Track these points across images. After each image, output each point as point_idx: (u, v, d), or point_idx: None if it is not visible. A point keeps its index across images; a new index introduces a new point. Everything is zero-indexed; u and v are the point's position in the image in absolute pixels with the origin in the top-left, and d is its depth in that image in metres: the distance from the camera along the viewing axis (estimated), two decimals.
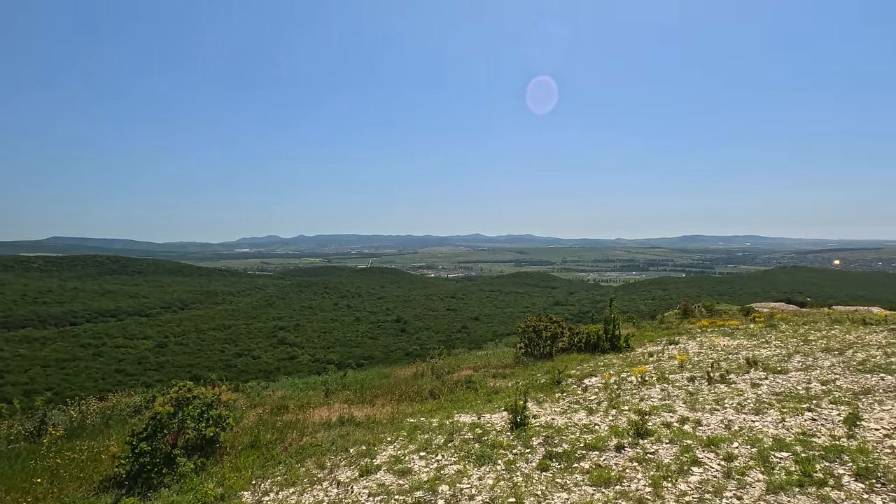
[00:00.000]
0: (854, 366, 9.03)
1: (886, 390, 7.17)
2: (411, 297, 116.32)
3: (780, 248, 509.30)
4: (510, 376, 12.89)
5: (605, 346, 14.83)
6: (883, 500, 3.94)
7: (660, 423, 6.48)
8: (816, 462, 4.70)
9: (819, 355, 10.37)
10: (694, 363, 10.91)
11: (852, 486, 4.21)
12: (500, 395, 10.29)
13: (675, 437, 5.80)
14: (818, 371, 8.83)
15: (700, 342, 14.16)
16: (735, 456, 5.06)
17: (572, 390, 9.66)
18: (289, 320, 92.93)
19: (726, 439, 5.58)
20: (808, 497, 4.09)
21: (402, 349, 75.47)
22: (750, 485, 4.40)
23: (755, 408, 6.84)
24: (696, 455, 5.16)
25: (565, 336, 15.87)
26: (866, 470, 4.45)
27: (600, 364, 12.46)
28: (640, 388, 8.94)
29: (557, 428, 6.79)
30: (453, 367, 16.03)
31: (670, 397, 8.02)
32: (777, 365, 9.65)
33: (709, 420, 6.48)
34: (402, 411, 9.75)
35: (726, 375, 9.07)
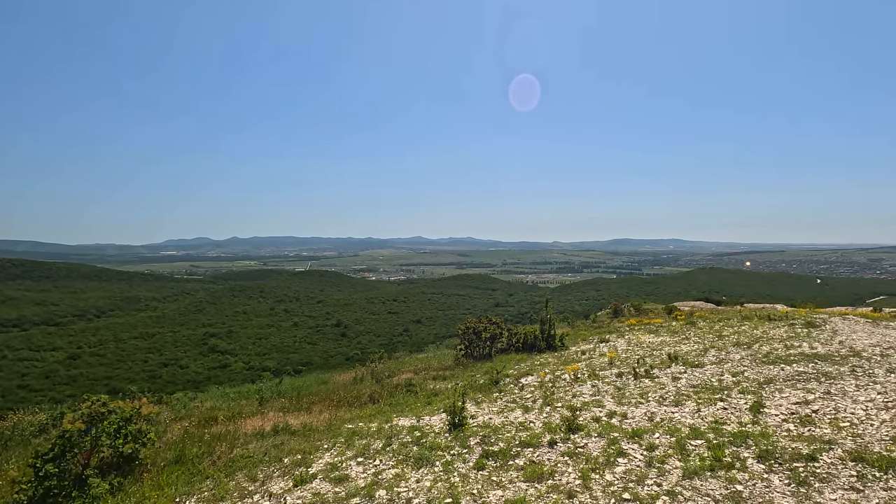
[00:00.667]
0: (760, 358, 9.93)
1: (786, 379, 7.94)
2: (352, 301, 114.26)
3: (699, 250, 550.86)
4: (450, 378, 13.00)
5: (542, 346, 15.33)
6: (779, 478, 4.36)
7: (590, 418, 6.79)
8: (726, 447, 5.13)
9: (731, 349, 11.30)
10: (622, 360, 11.53)
11: (755, 468, 4.63)
12: (439, 396, 10.35)
13: (604, 431, 6.11)
14: (730, 364, 9.63)
15: (628, 340, 14.98)
16: (656, 446, 5.41)
17: (509, 390, 9.91)
18: (220, 326, 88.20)
19: (649, 430, 5.95)
20: (718, 479, 4.45)
21: (342, 354, 73.89)
22: (669, 472, 4.72)
23: (675, 400, 7.35)
24: (621, 447, 5.46)
25: (504, 337, 16.24)
26: (767, 452, 4.90)
27: (536, 363, 12.86)
28: (572, 386, 9.32)
29: (494, 427, 6.93)
30: (394, 370, 15.93)
31: (600, 393, 8.43)
32: (695, 359, 10.41)
33: (634, 413, 6.89)
34: (340, 417, 9.56)
35: (650, 370, 9.67)
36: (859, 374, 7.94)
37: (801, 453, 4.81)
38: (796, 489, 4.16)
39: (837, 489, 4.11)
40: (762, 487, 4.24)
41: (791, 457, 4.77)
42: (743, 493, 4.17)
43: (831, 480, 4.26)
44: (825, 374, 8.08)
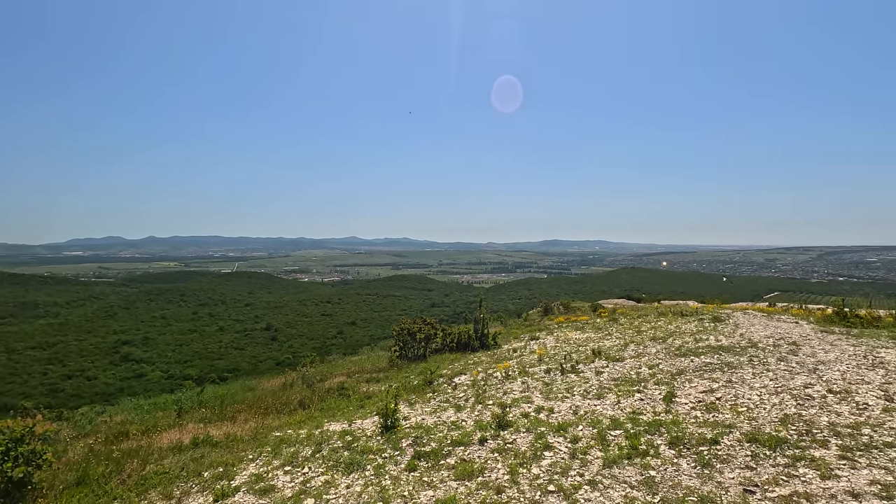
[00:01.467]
0: (673, 351, 10.71)
1: (695, 370, 8.63)
2: (283, 303, 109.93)
3: (622, 251, 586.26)
4: (384, 380, 12.88)
5: (475, 345, 15.59)
6: (687, 462, 4.73)
7: (519, 414, 7.00)
8: (642, 436, 5.48)
9: (648, 344, 12.10)
10: (551, 356, 11.99)
11: (667, 453, 4.98)
12: (372, 399, 10.22)
13: (532, 426, 6.32)
14: (647, 357, 10.30)
15: (557, 337, 15.60)
16: (580, 438, 5.67)
17: (443, 389, 9.98)
18: (135, 333, 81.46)
19: (574, 423, 6.23)
20: (634, 466, 4.74)
21: (272, 359, 70.84)
22: (590, 462, 4.96)
23: (598, 393, 7.75)
24: (548, 441, 5.67)
25: (438, 337, 16.34)
26: (677, 438, 5.30)
27: (470, 362, 13.05)
28: (504, 383, 9.56)
29: (427, 427, 6.95)
30: (326, 374, 15.53)
31: (529, 389, 8.71)
32: (616, 354, 11.04)
33: (560, 407, 7.18)
34: (267, 425, 9.15)
35: (576, 366, 10.13)
36: (755, 363, 8.80)
37: (706, 438, 5.24)
38: (701, 471, 4.53)
39: (735, 468, 4.52)
40: (672, 471, 4.57)
41: (697, 441, 5.18)
42: (656, 477, 4.47)
43: (730, 461, 4.68)
44: (728, 364, 8.87)
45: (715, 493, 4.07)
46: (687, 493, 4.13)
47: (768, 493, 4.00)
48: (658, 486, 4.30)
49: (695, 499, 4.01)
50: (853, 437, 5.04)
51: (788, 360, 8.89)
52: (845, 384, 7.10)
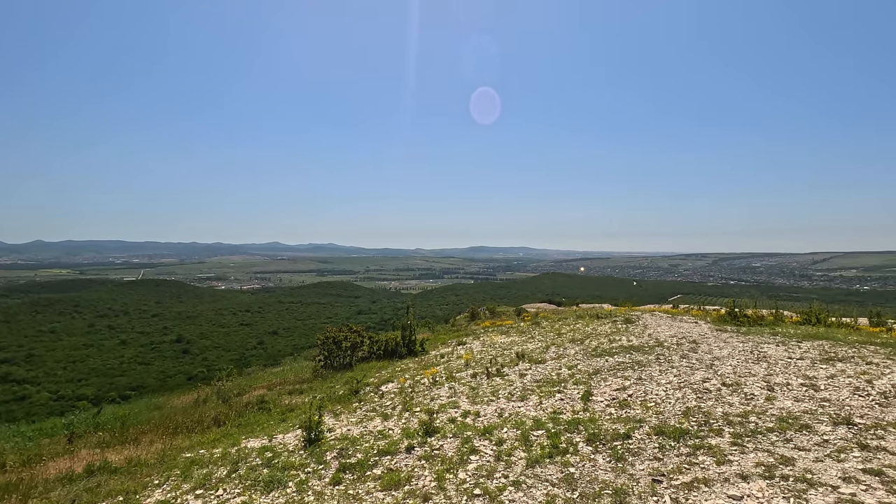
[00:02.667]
0: (590, 352, 11.33)
1: (609, 370, 9.18)
2: (196, 313, 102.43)
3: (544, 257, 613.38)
4: (308, 391, 12.40)
5: (403, 352, 15.49)
6: (603, 457, 5.01)
7: (446, 420, 7.04)
8: (562, 435, 5.72)
9: (568, 345, 12.71)
10: (477, 360, 12.21)
11: (584, 450, 5.24)
12: (295, 412, 9.80)
13: (459, 431, 6.37)
14: (566, 359, 10.81)
15: (483, 341, 15.92)
16: (505, 440, 5.81)
17: (370, 398, 9.80)
18: (17, 350, 71.84)
19: (498, 426, 6.38)
20: (555, 465, 4.94)
21: (183, 373, 65.60)
22: (514, 463, 5.10)
23: (521, 395, 7.99)
24: (474, 444, 5.75)
25: (365, 345, 16.05)
26: (594, 435, 5.59)
27: (397, 369, 12.94)
28: (431, 389, 9.57)
29: (353, 438, 6.78)
30: (244, 387, 14.66)
31: (456, 394, 8.80)
32: (539, 356, 11.48)
33: (486, 411, 7.32)
34: (176, 446, 8.45)
35: (501, 369, 10.39)
36: (662, 361, 9.54)
37: (620, 433, 5.58)
38: (615, 464, 4.81)
39: (644, 460, 4.85)
40: (590, 467, 4.81)
41: (612, 437, 5.50)
42: (575, 474, 4.69)
43: (640, 453, 5.02)
44: (638, 362, 9.54)
45: (627, 485, 4.34)
46: (603, 486, 4.36)
47: (673, 482, 4.33)
48: (577, 482, 4.51)
49: (609, 492, 4.25)
50: (742, 425, 5.61)
51: (689, 357, 9.73)
52: (736, 377, 7.89)
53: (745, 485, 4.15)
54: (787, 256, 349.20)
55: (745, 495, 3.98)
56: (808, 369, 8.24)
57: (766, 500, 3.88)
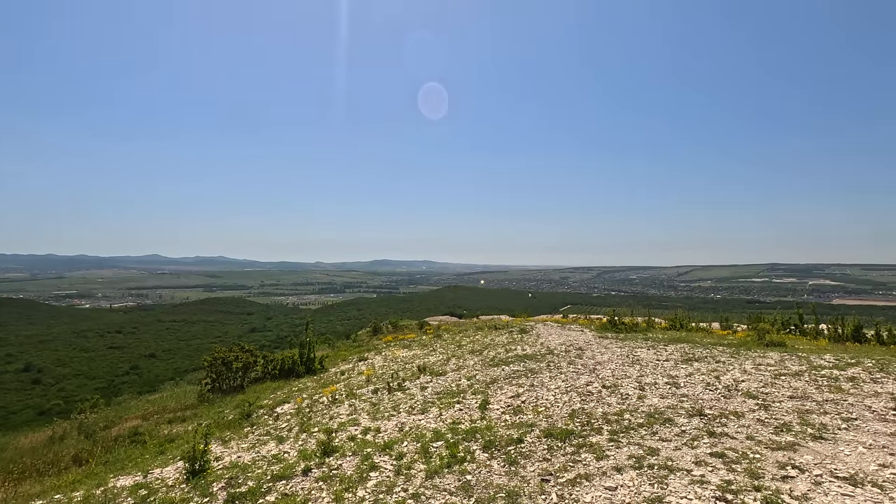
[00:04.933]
0: (488, 362, 11.80)
1: (505, 378, 9.64)
2: (51, 336, 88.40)
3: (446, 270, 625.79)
4: (191, 418, 11.35)
5: (301, 371, 14.85)
6: (498, 462, 5.26)
7: (346, 438, 6.89)
8: (460, 444, 5.90)
9: (467, 356, 13.11)
10: (378, 376, 12.10)
11: (481, 457, 5.46)
12: (176, 442, 8.93)
13: (359, 448, 6.27)
14: (466, 370, 11.15)
15: (385, 356, 15.82)
16: (405, 454, 5.84)
17: (263, 421, 9.25)
18: None
19: (399, 440, 6.39)
20: (453, 474, 5.08)
21: (33, 407, 56.01)
22: (414, 476, 5.15)
23: (422, 408, 8.09)
24: (374, 461, 5.70)
25: (259, 365, 15.12)
26: (490, 442, 5.85)
27: (294, 389, 12.38)
28: (330, 408, 9.30)
29: (244, 465, 6.35)
30: (113, 419, 13.00)
31: (357, 411, 8.64)
32: (440, 368, 11.69)
33: (387, 426, 7.30)
34: (23, 493, 7.24)
35: (403, 383, 10.42)
36: (552, 367, 10.25)
37: (513, 438, 5.90)
38: (509, 468, 5.08)
39: (535, 462, 5.18)
40: (485, 473, 5.02)
41: (506, 442, 5.79)
42: (472, 481, 4.86)
43: (531, 456, 5.35)
44: (531, 370, 10.14)
45: (519, 487, 4.60)
46: (497, 490, 4.58)
47: (559, 479, 4.69)
48: (473, 489, 4.68)
49: (503, 494, 4.47)
50: (618, 423, 6.23)
51: (576, 363, 10.56)
52: (614, 379, 8.74)
53: (619, 476, 4.62)
54: (657, 269, 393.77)
55: (619, 486, 4.42)
56: (671, 369, 9.38)
57: (636, 488, 4.35)
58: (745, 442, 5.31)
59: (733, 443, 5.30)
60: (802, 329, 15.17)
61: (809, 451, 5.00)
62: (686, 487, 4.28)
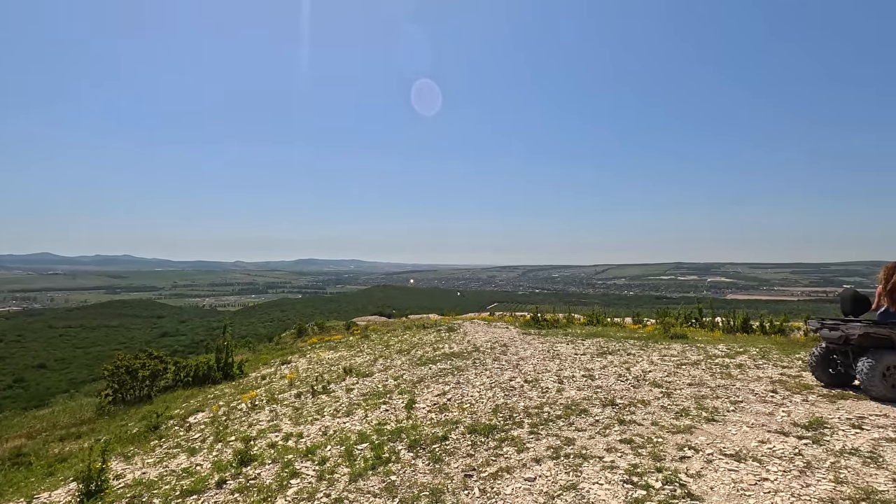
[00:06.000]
0: (415, 361, 11.82)
1: (432, 377, 9.71)
2: None
3: (375, 270, 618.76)
4: (88, 434, 10.31)
5: (218, 377, 14.00)
6: (423, 461, 5.28)
7: (265, 445, 6.59)
8: (385, 445, 5.85)
9: (395, 356, 13.04)
10: (302, 379, 11.70)
11: (406, 457, 5.45)
12: (69, 461, 8.07)
13: (279, 456, 6.03)
14: (393, 370, 11.09)
15: (310, 358, 15.33)
16: (328, 458, 5.70)
17: (174, 433, 8.60)
18: None
19: (322, 445, 6.22)
20: (378, 475, 5.03)
21: None
22: (337, 480, 5.03)
23: (347, 410, 7.93)
24: (295, 468, 5.50)
25: (170, 372, 14.06)
26: (415, 441, 5.86)
27: (210, 397, 11.65)
28: (249, 414, 8.85)
29: (149, 482, 5.86)
30: None
31: (278, 417, 8.30)
32: (366, 370, 11.53)
33: (310, 431, 7.07)
34: None
35: (328, 386, 10.15)
36: (478, 364, 10.47)
37: (438, 436, 5.95)
38: (433, 466, 5.12)
39: (459, 458, 5.27)
40: (410, 472, 5.02)
41: (431, 440, 5.84)
42: (396, 481, 4.84)
43: (456, 452, 5.44)
44: (458, 367, 10.29)
45: (443, 484, 4.65)
46: (421, 489, 4.60)
47: (482, 474, 4.80)
48: (398, 489, 4.66)
49: (427, 493, 4.50)
50: (538, 416, 6.50)
51: (500, 359, 10.87)
52: (535, 374, 9.10)
53: (538, 467, 4.82)
54: (577, 268, 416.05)
55: (538, 476, 4.62)
56: (588, 362, 9.95)
57: (553, 477, 4.57)
58: (650, 428, 5.76)
59: (640, 429, 5.73)
60: (702, 322, 16.71)
61: (703, 432, 5.52)
62: (598, 473, 4.56)
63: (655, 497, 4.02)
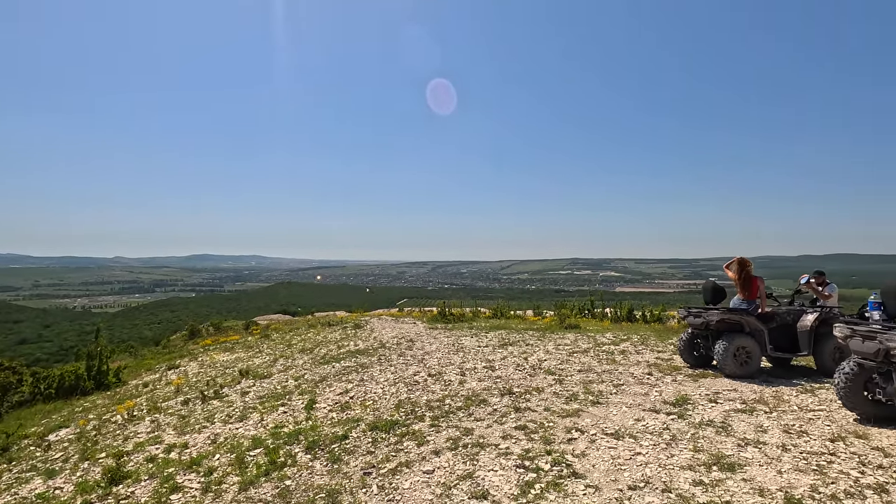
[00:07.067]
0: (318, 360, 11.44)
1: (335, 375, 9.45)
2: None
3: (278, 266, 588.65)
4: None
5: (89, 387, 12.42)
6: (321, 462, 5.11)
7: (143, 460, 5.96)
8: (281, 448, 5.58)
9: (297, 356, 12.52)
10: (192, 384, 10.80)
11: (303, 459, 5.24)
12: None
13: (158, 470, 5.48)
14: (294, 370, 10.63)
15: (201, 362, 14.20)
16: (216, 468, 5.29)
17: (28, 454, 7.47)
18: None
19: (210, 454, 5.76)
20: (272, 481, 4.78)
21: None
22: (225, 490, 4.69)
23: (241, 415, 7.45)
24: (176, 482, 5.04)
25: (26, 385, 12.21)
26: (314, 442, 5.65)
27: (78, 410, 10.31)
28: (126, 427, 7.96)
29: None
30: None
31: (160, 427, 7.56)
32: (265, 371, 10.93)
33: (197, 440, 6.52)
34: None
35: (220, 390, 9.46)
36: (383, 361, 10.39)
37: (338, 435, 5.80)
38: (331, 467, 4.97)
39: (359, 456, 5.18)
40: (307, 475, 4.83)
41: (330, 440, 5.67)
42: (291, 486, 4.63)
43: (355, 451, 5.34)
44: (362, 365, 10.13)
45: (341, 484, 4.54)
46: (317, 491, 4.44)
47: (381, 471, 4.76)
48: (292, 494, 4.46)
49: (323, 494, 4.35)
50: (440, 408, 6.61)
51: (406, 355, 10.89)
52: (440, 367, 9.25)
53: (437, 459, 4.89)
54: (484, 263, 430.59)
55: (437, 468, 4.68)
56: (490, 354, 10.31)
57: (451, 467, 4.66)
58: (542, 413, 6.10)
59: (534, 415, 6.05)
60: (593, 313, 18.12)
61: (589, 415, 5.97)
62: (493, 460, 4.73)
63: (544, 478, 4.26)
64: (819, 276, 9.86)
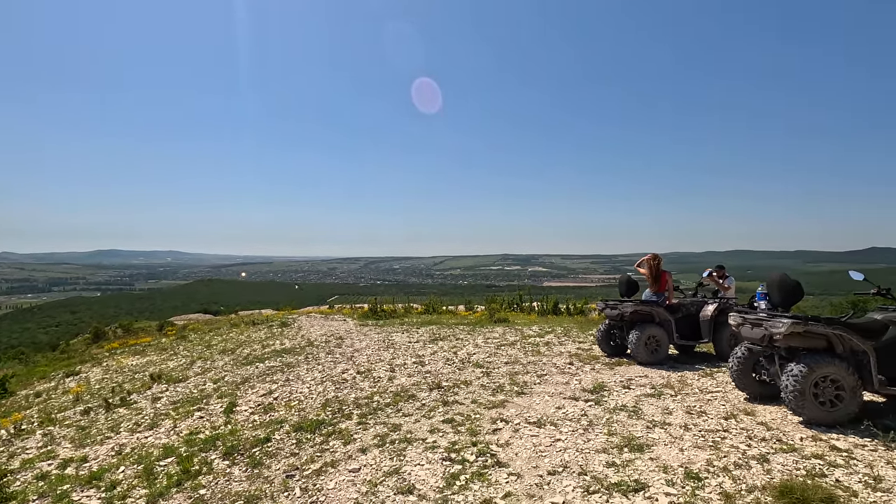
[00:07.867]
0: (241, 361, 10.88)
1: (259, 376, 9.03)
2: None
3: (199, 262, 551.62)
4: None
5: None
6: (240, 468, 4.86)
7: (32, 478, 5.35)
8: (196, 456, 5.24)
9: (217, 357, 11.83)
10: (94, 392, 9.87)
11: (220, 466, 4.96)
12: None
13: (50, 488, 4.95)
14: (213, 372, 10.03)
15: (107, 367, 13.03)
16: (120, 481, 4.87)
17: None
18: None
19: (113, 467, 5.29)
20: (184, 491, 4.47)
21: None
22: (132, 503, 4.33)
23: (151, 423, 6.91)
24: (72, 499, 4.58)
25: None
26: (233, 447, 5.37)
27: None
28: (12, 442, 7.12)
29: None
30: None
31: (55, 441, 6.83)
32: (180, 374, 10.22)
33: (98, 452, 5.96)
34: None
35: (128, 397, 8.72)
36: (310, 359, 10.08)
37: (260, 438, 5.55)
38: (251, 471, 4.75)
39: (282, 459, 4.99)
40: (224, 482, 4.58)
41: (251, 444, 5.42)
42: (206, 494, 4.36)
43: (278, 454, 5.13)
44: (288, 364, 9.76)
45: (261, 489, 4.34)
46: (235, 498, 4.22)
47: (305, 472, 4.61)
48: (207, 503, 4.21)
49: (242, 501, 4.15)
50: (368, 405, 6.52)
51: (335, 352, 10.64)
52: (369, 364, 9.13)
53: (363, 457, 4.82)
54: (418, 259, 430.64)
55: (363, 466, 4.61)
56: (420, 350, 10.33)
57: (377, 464, 4.61)
58: (470, 406, 6.21)
59: (461, 408, 6.14)
60: (522, 307, 18.72)
61: (514, 405, 6.16)
62: (420, 455, 4.74)
63: (469, 469, 4.34)
64: (720, 269, 10.88)
